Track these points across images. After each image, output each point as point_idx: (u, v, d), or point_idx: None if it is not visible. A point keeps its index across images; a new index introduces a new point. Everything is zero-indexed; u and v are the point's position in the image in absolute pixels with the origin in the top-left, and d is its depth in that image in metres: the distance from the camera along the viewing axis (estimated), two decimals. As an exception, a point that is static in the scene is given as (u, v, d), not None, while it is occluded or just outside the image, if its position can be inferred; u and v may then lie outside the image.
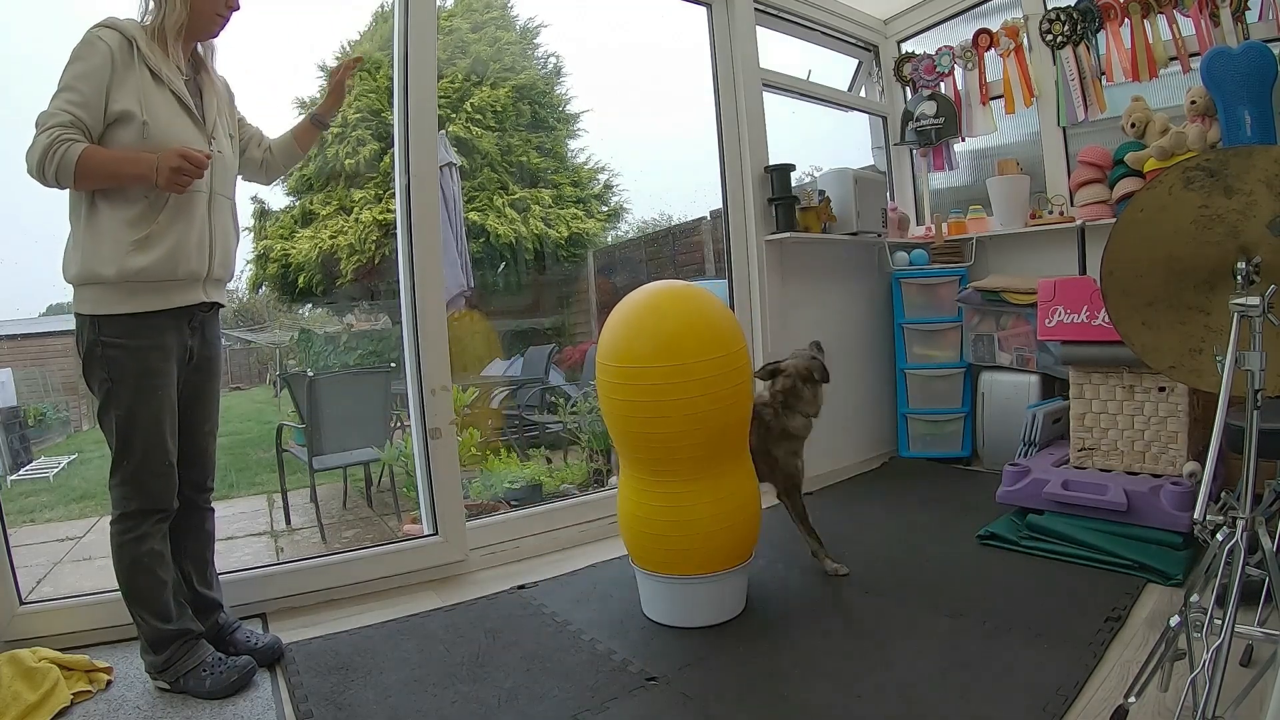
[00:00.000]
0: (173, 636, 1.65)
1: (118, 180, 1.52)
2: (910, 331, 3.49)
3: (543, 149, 7.19)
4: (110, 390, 1.57)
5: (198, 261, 1.64)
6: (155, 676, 1.67)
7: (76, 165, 1.45)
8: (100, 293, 1.55)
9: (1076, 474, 2.37)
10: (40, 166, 1.45)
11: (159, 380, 1.60)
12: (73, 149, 1.44)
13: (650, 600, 1.97)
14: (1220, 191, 1.20)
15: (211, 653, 1.70)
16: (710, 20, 3.17)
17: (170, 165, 1.49)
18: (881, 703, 1.50)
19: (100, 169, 1.49)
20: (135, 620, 1.65)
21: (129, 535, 1.61)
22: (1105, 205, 3.01)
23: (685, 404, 1.76)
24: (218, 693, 1.63)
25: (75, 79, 1.49)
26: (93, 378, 1.60)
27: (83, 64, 1.50)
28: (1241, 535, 1.18)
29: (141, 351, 1.58)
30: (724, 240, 3.23)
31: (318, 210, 6.59)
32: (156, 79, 1.56)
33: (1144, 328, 1.38)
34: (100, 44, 1.50)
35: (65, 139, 1.44)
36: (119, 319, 1.55)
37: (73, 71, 1.50)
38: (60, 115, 1.46)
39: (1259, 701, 1.26)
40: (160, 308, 1.59)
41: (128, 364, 1.57)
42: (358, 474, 3.81)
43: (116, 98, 1.51)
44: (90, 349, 1.57)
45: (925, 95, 3.66)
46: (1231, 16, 2.75)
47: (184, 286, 1.63)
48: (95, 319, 1.55)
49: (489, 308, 6.14)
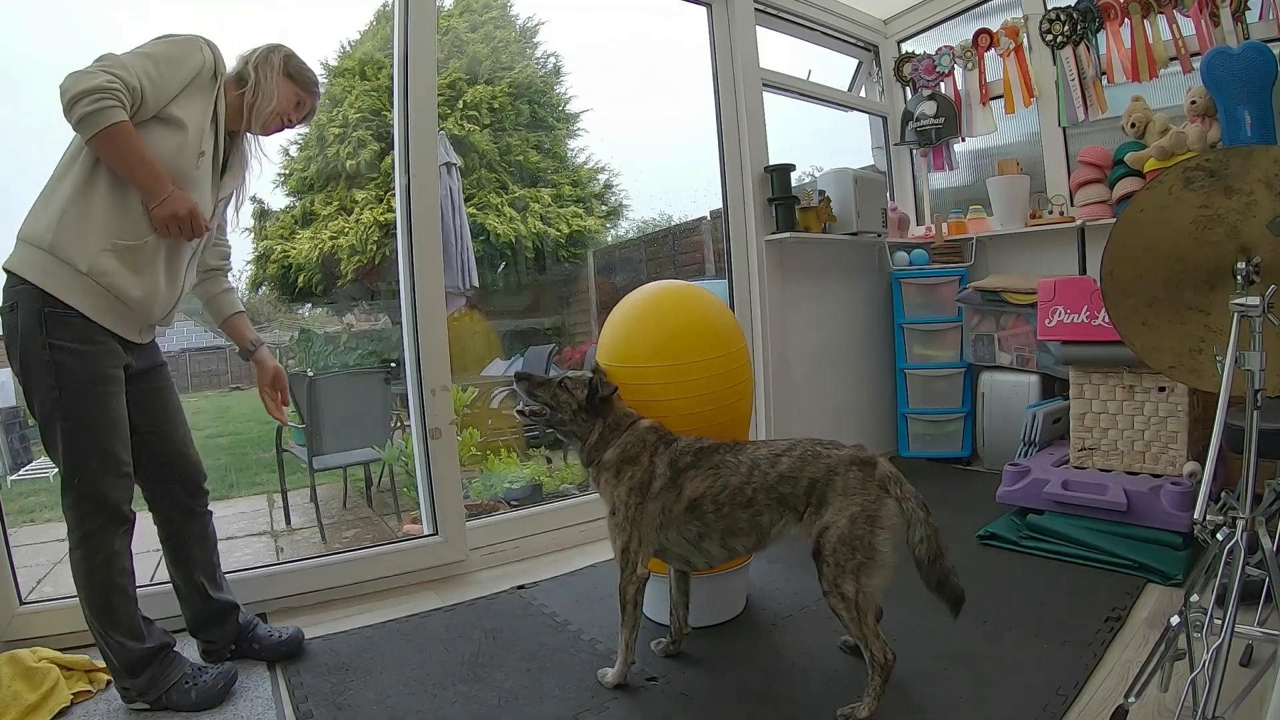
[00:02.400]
0: (149, 655, 1.58)
1: (128, 175, 1.43)
2: (910, 331, 3.49)
3: (542, 148, 7.18)
4: (59, 400, 1.44)
5: (160, 307, 1.57)
6: (138, 699, 1.58)
7: (105, 130, 1.35)
8: (54, 267, 1.42)
9: (1076, 474, 2.37)
10: (75, 99, 1.33)
11: (111, 388, 1.51)
12: (113, 113, 1.35)
13: (650, 600, 1.97)
14: (1220, 191, 1.20)
15: (190, 663, 1.65)
16: (710, 20, 3.16)
17: (175, 211, 1.45)
18: (881, 702, 1.50)
19: (124, 152, 1.40)
20: (108, 646, 1.54)
21: (97, 558, 1.50)
22: (1105, 205, 3.01)
23: (685, 404, 1.76)
24: (205, 703, 1.59)
25: (163, 58, 1.45)
26: (35, 385, 1.45)
27: (177, 51, 1.47)
28: (1241, 535, 1.18)
29: (93, 358, 1.47)
30: (724, 240, 3.23)
31: (318, 211, 6.59)
32: (212, 122, 1.56)
33: (1144, 328, 1.38)
34: (203, 53, 1.50)
35: (115, 97, 1.35)
36: (71, 322, 1.44)
37: (165, 50, 1.46)
38: (130, 74, 1.38)
39: (1259, 701, 1.26)
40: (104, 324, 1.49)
41: (79, 371, 1.45)
42: (358, 474, 3.81)
43: (181, 102, 1.49)
44: (30, 350, 1.43)
45: (925, 95, 3.66)
46: (1231, 16, 2.75)
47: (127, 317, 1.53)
48: (43, 314, 1.42)
49: (489, 307, 6.14)
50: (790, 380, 3.20)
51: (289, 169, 6.75)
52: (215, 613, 1.77)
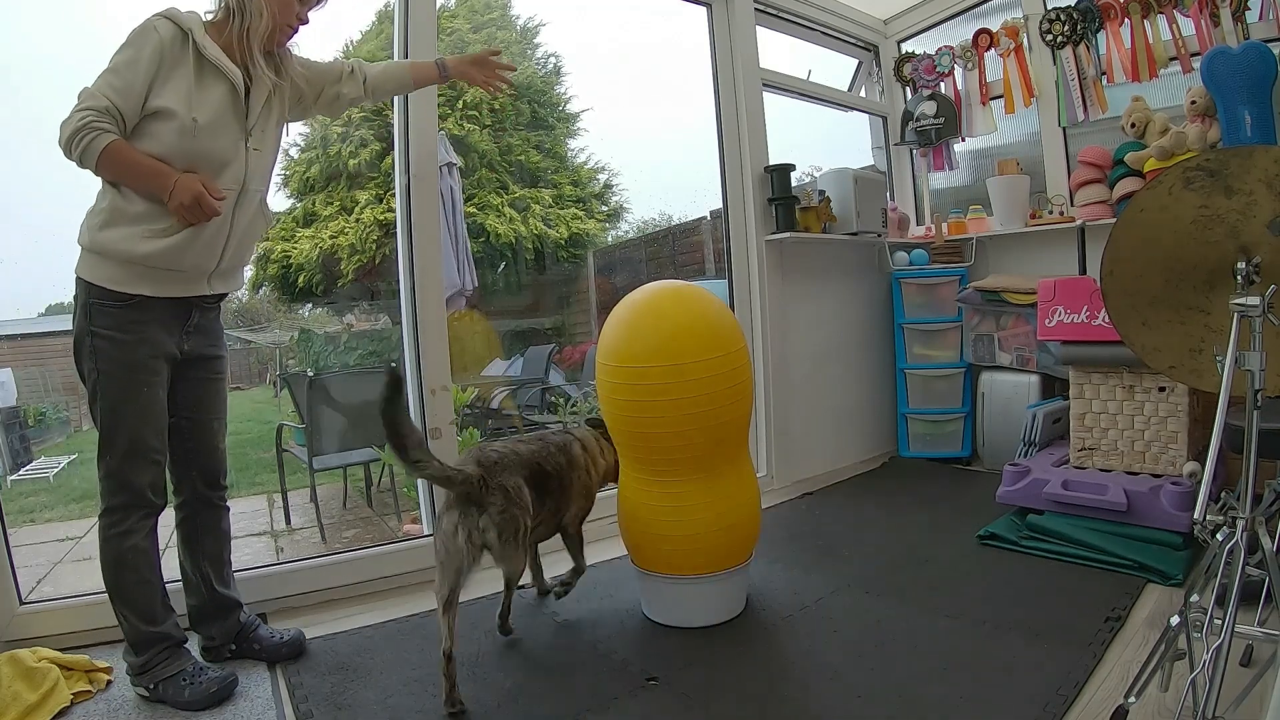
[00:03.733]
0: (154, 639, 1.61)
1: (136, 186, 1.52)
2: (910, 331, 3.49)
3: (542, 148, 7.19)
4: (98, 381, 1.57)
5: (206, 256, 1.63)
6: (135, 680, 1.63)
7: (100, 157, 1.45)
8: (100, 263, 1.54)
9: (1076, 474, 2.37)
10: (68, 145, 1.45)
11: (146, 376, 1.59)
12: (99, 140, 1.44)
13: (650, 600, 1.97)
14: (1220, 191, 1.20)
15: (193, 662, 1.66)
16: (710, 20, 3.16)
17: (181, 200, 1.49)
18: (881, 703, 1.50)
19: (121, 170, 1.50)
20: (118, 618, 1.62)
21: (114, 530, 1.59)
22: (1105, 205, 3.01)
23: (685, 404, 1.76)
24: (196, 704, 1.58)
25: (122, 64, 1.48)
26: (83, 366, 1.59)
27: (132, 51, 1.49)
28: (1241, 535, 1.18)
29: (129, 346, 1.57)
30: (724, 240, 3.23)
31: (319, 211, 6.59)
32: (208, 72, 1.55)
33: (1144, 328, 1.38)
34: (153, 35, 1.50)
35: (95, 127, 1.44)
36: (111, 311, 1.55)
37: (122, 56, 1.49)
38: (98, 99, 1.45)
39: (1259, 701, 1.26)
40: (157, 294, 1.58)
41: (115, 357, 1.56)
42: (358, 474, 3.81)
43: (159, 92, 1.50)
44: (80, 338, 1.57)
45: (925, 95, 3.66)
46: (1231, 16, 2.75)
47: (186, 278, 1.62)
48: (88, 304, 1.55)
49: (489, 307, 6.14)
50: (790, 380, 3.20)
51: (291, 170, 6.76)
52: (217, 607, 1.78)
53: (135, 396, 1.58)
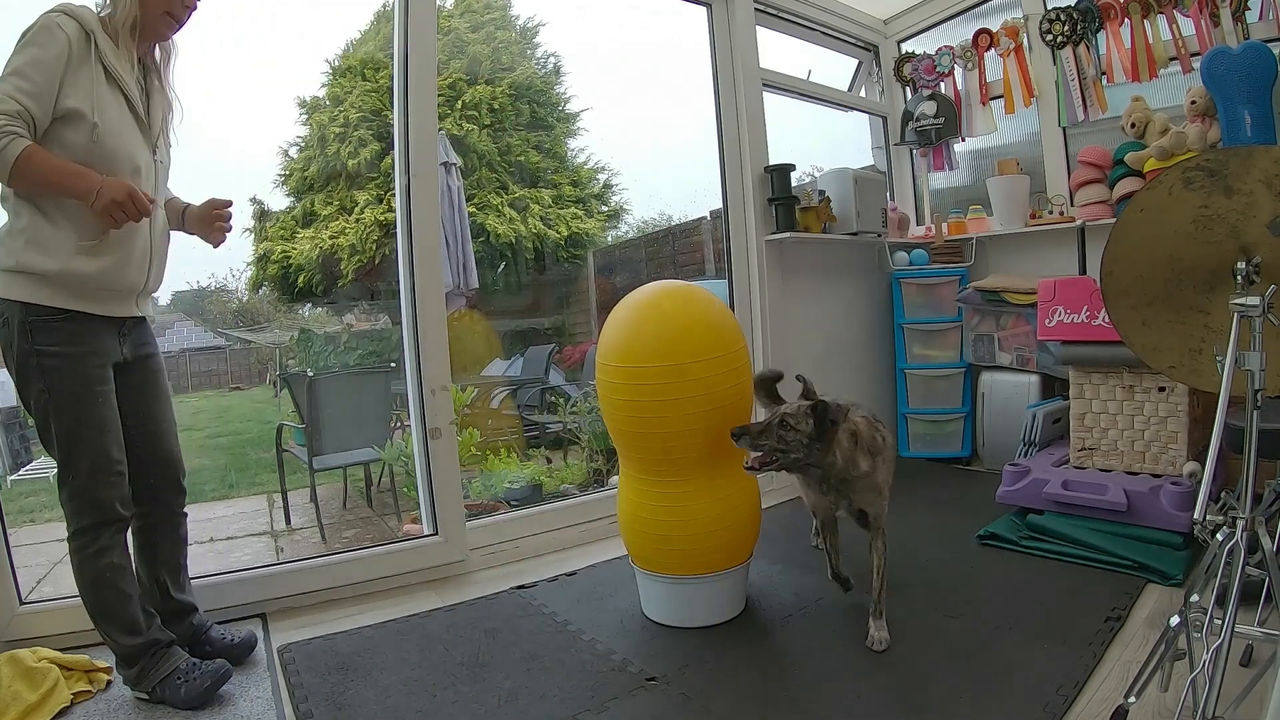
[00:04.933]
0: (142, 649, 1.61)
1: (55, 192, 1.44)
2: (910, 331, 3.49)
3: (542, 148, 7.18)
4: (49, 402, 1.50)
5: (138, 274, 1.60)
6: (134, 688, 1.64)
7: (14, 165, 1.36)
8: (37, 284, 1.47)
9: (1076, 474, 2.37)
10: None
11: (99, 388, 1.55)
12: (13, 145, 1.35)
13: (650, 600, 1.97)
14: (1220, 191, 1.20)
15: (185, 659, 1.66)
16: (710, 20, 3.16)
17: (114, 198, 1.42)
18: (882, 703, 1.50)
19: (39, 176, 1.41)
20: (104, 637, 1.60)
21: (88, 550, 1.55)
22: (1105, 205, 3.01)
23: (685, 404, 1.76)
24: (193, 701, 1.59)
25: (28, 65, 1.39)
26: (28, 391, 1.52)
27: (38, 50, 1.40)
28: (1241, 535, 1.18)
29: (80, 359, 1.52)
30: (724, 240, 3.23)
31: (319, 211, 6.59)
32: (110, 77, 1.49)
33: (1144, 328, 1.38)
34: (59, 33, 1.41)
35: (8, 131, 1.35)
36: (54, 327, 1.49)
37: (26, 56, 1.40)
38: (7, 103, 1.36)
39: (1259, 701, 1.26)
40: (97, 312, 1.54)
41: (68, 372, 1.50)
42: (358, 474, 3.81)
43: (68, 94, 1.42)
44: (23, 361, 1.50)
45: (925, 95, 3.66)
46: (1231, 16, 2.75)
47: (121, 298, 1.60)
48: (26, 324, 1.48)
49: (489, 307, 6.14)
50: (790, 380, 3.19)
51: (289, 169, 6.75)
52: (172, 613, 1.76)
53: (91, 411, 1.53)
